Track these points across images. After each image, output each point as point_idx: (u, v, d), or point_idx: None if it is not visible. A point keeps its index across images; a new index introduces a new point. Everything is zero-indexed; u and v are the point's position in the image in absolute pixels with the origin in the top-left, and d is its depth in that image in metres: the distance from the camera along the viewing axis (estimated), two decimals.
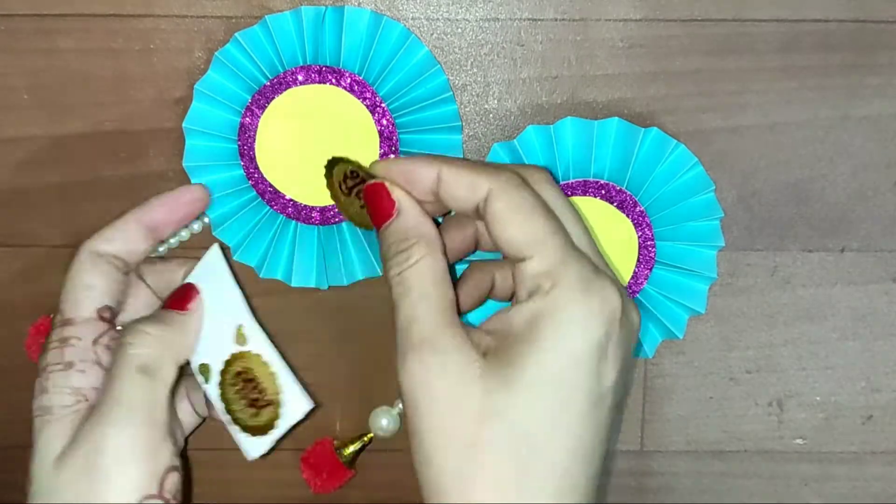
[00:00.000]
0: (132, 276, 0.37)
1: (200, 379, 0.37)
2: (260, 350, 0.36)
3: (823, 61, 0.38)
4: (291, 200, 0.39)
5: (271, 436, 0.36)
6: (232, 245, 0.39)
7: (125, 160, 0.39)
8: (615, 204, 0.39)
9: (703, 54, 0.38)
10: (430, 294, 0.31)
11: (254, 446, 0.37)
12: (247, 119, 0.37)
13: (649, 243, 0.39)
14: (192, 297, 0.36)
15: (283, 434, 0.36)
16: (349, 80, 0.37)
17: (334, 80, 0.37)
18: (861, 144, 0.39)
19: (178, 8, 0.37)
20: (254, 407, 0.36)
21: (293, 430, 0.36)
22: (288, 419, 0.36)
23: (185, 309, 0.36)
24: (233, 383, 0.36)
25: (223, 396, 0.37)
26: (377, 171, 0.33)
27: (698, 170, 0.38)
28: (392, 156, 0.38)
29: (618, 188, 0.38)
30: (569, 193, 0.38)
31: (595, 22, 0.37)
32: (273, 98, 0.37)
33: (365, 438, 0.41)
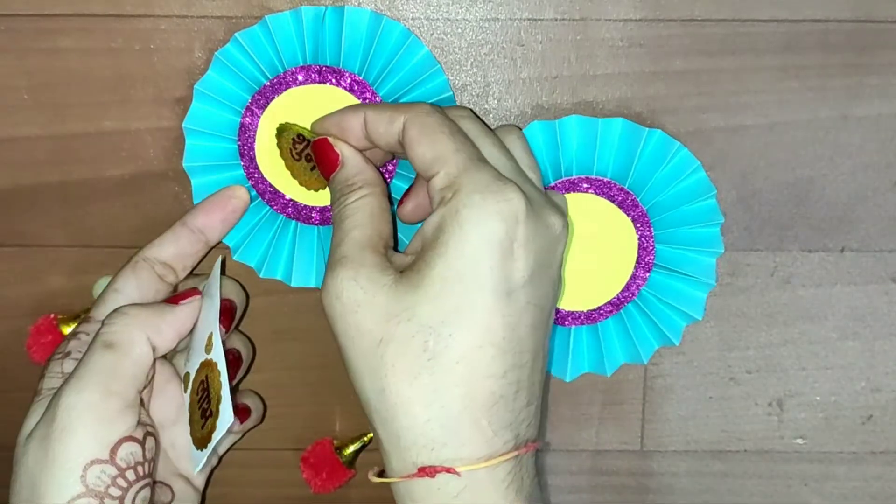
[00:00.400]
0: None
1: (183, 388, 0.37)
2: (217, 358, 0.35)
3: (823, 61, 0.38)
4: (291, 200, 0.39)
5: (206, 450, 0.34)
6: (232, 245, 0.39)
7: (125, 160, 0.39)
8: (616, 203, 0.39)
9: (703, 54, 0.38)
10: (363, 224, 0.33)
11: (196, 459, 0.35)
12: (247, 119, 0.37)
13: (649, 245, 0.39)
14: (188, 296, 0.36)
15: (220, 452, 0.35)
16: (349, 80, 0.37)
17: (334, 80, 0.37)
18: (861, 144, 0.39)
19: (178, 8, 0.37)
20: (203, 417, 0.35)
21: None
22: (218, 433, 0.34)
23: (177, 304, 0.36)
24: (196, 391, 0.35)
25: (190, 406, 0.36)
26: (316, 129, 0.36)
27: (700, 174, 0.38)
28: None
29: (619, 187, 0.38)
30: (571, 190, 0.38)
31: (595, 22, 0.37)
32: (273, 98, 0.37)
33: (365, 438, 0.41)
